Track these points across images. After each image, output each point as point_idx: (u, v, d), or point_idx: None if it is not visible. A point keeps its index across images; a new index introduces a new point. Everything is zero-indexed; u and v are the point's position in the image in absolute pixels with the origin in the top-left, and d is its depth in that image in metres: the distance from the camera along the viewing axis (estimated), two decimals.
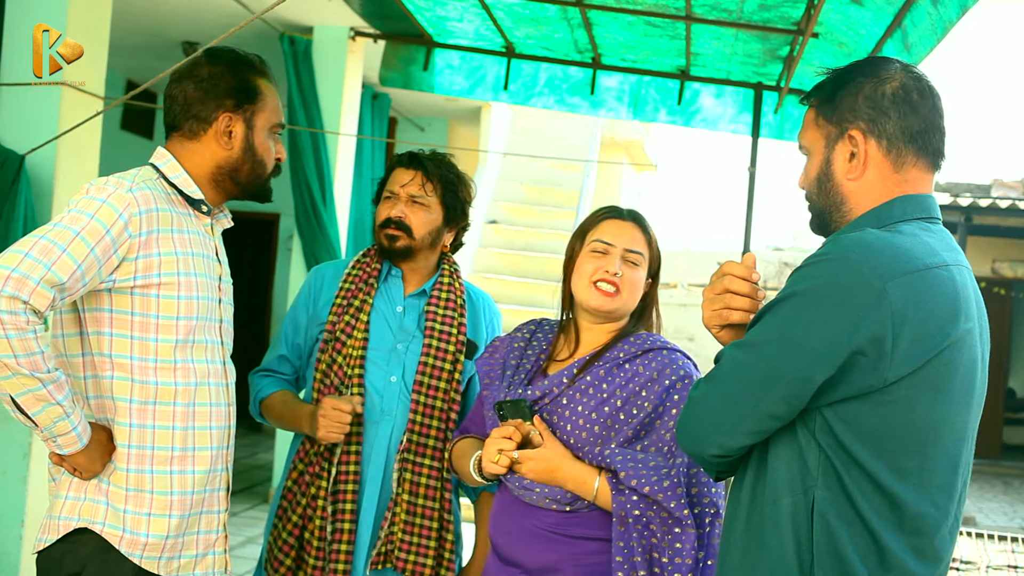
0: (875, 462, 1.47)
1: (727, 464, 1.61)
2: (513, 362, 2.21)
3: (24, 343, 1.74)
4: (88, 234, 1.83)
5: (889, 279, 1.44)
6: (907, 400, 1.46)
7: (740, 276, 1.63)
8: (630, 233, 2.16)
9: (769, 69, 4.58)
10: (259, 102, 2.07)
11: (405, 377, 2.46)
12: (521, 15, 4.34)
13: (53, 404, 1.81)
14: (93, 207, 1.86)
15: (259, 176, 2.10)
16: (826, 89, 1.64)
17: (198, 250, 2.03)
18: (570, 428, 2.05)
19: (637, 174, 12.75)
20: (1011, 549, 4.60)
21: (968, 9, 2.90)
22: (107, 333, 1.93)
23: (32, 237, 1.80)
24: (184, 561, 2.01)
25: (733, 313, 1.62)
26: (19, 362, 1.74)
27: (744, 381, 1.51)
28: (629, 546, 1.93)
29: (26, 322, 1.74)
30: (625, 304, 2.14)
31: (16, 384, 1.77)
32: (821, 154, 1.64)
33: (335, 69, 6.30)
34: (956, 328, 1.48)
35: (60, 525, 1.94)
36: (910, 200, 1.58)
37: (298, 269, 6.47)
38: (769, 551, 1.52)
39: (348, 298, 2.49)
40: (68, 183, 3.98)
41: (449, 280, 2.57)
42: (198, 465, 2.01)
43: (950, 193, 10.50)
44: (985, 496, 10.46)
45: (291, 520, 2.42)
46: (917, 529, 1.49)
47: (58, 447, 1.87)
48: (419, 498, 2.43)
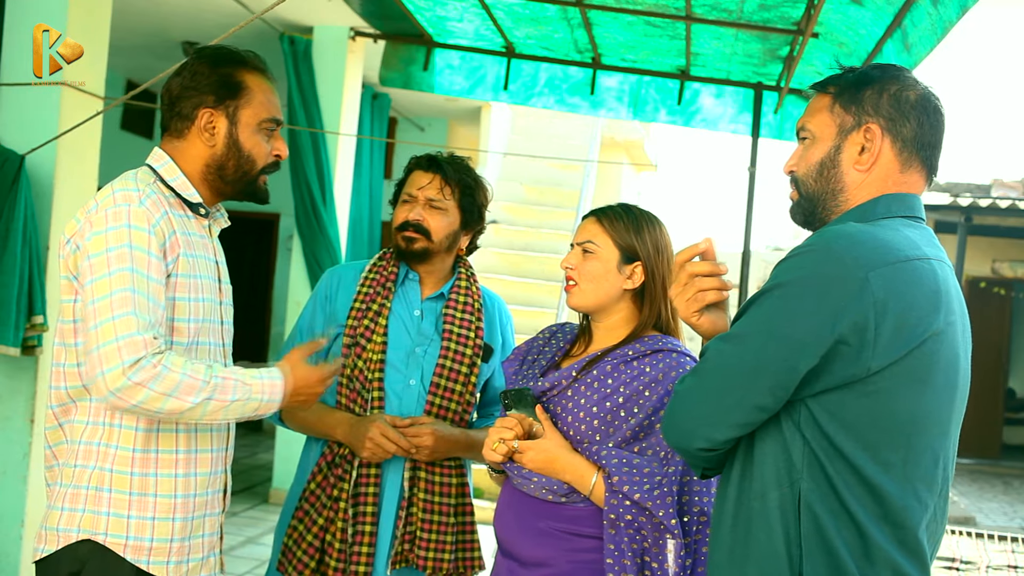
0: (859, 453, 1.48)
1: (714, 459, 1.62)
2: (530, 358, 2.25)
3: (165, 382, 1.81)
4: (138, 264, 1.86)
5: (871, 269, 1.46)
6: (890, 391, 1.48)
7: (692, 256, 1.66)
8: (586, 228, 2.19)
9: (769, 69, 4.58)
10: (243, 97, 2.03)
11: (423, 380, 2.48)
12: (521, 15, 4.34)
13: (229, 403, 1.88)
14: (125, 237, 1.87)
15: (247, 173, 2.07)
16: (846, 80, 1.66)
17: (200, 252, 2.03)
18: (571, 420, 2.07)
19: (637, 174, 12.75)
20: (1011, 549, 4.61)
21: (968, 9, 2.90)
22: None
23: (105, 299, 1.82)
24: (192, 565, 2.01)
25: (707, 293, 1.64)
26: (178, 397, 1.82)
27: (730, 373, 1.52)
28: (619, 548, 1.95)
29: (153, 366, 1.81)
30: (589, 296, 2.15)
31: (196, 413, 1.86)
32: (831, 141, 1.65)
33: (335, 69, 6.30)
34: (937, 320, 1.50)
35: (60, 537, 1.92)
36: (895, 198, 1.62)
37: (298, 269, 6.47)
38: (758, 545, 1.53)
39: (367, 302, 2.49)
40: (68, 183, 3.99)
41: (466, 284, 2.58)
42: (200, 468, 2.01)
43: (950, 193, 10.50)
44: (985, 496, 10.46)
45: (316, 523, 2.42)
46: (901, 521, 1.51)
47: (267, 413, 1.97)
48: (435, 496, 2.45)
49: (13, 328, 3.69)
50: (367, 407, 2.44)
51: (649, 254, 2.16)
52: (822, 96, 1.68)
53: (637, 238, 2.16)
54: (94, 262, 1.86)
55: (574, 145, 9.98)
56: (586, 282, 2.15)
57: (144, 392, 1.79)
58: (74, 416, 1.95)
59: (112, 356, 1.79)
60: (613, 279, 2.14)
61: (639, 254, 2.15)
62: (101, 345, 1.80)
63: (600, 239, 2.16)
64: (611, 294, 2.15)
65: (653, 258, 2.17)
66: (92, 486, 1.92)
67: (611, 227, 2.16)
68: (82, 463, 1.93)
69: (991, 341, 12.53)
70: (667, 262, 2.18)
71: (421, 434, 2.38)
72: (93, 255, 1.86)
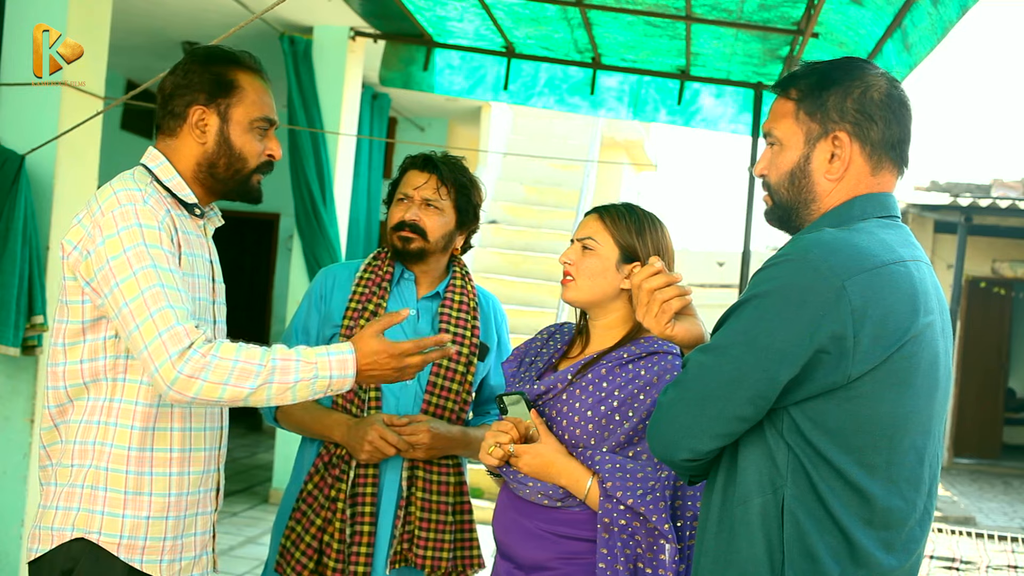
0: (843, 458, 1.49)
1: (699, 468, 1.63)
2: (528, 359, 2.25)
3: (218, 371, 1.81)
4: (158, 260, 1.87)
5: (847, 277, 1.46)
6: (872, 395, 1.48)
7: (650, 276, 1.71)
8: (587, 224, 2.19)
9: (769, 69, 4.58)
10: (235, 95, 2.03)
11: (420, 379, 2.48)
12: (521, 15, 4.35)
13: (292, 384, 1.87)
14: (138, 236, 1.87)
15: (238, 171, 2.06)
16: (808, 83, 1.64)
17: (196, 251, 2.03)
18: (566, 424, 2.07)
19: (637, 174, 12.75)
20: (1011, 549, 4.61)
21: (968, 9, 2.90)
22: (118, 336, 1.92)
23: (138, 299, 1.83)
24: (185, 563, 2.01)
25: (670, 303, 1.68)
26: (234, 384, 1.82)
27: (710, 384, 1.53)
28: (612, 554, 1.95)
29: (203, 355, 1.81)
30: (584, 291, 2.14)
31: (259, 397, 1.85)
32: (799, 150, 1.64)
33: (335, 69, 6.31)
34: (916, 323, 1.51)
35: (54, 536, 1.92)
36: (870, 199, 1.61)
37: (298, 269, 6.47)
38: (740, 552, 1.54)
39: (362, 302, 2.49)
40: (68, 183, 3.99)
41: (462, 283, 2.59)
42: (193, 466, 2.01)
43: (950, 193, 10.49)
44: (985, 496, 10.46)
45: (314, 524, 2.42)
46: (886, 523, 1.52)
47: (341, 389, 1.93)
48: (433, 495, 2.45)
49: (13, 328, 3.69)
50: (364, 407, 2.44)
51: (649, 255, 2.15)
52: (785, 101, 1.66)
53: (638, 239, 2.15)
54: (114, 265, 1.86)
55: (574, 145, 9.98)
56: (583, 278, 2.14)
57: (198, 384, 1.80)
58: (71, 416, 1.95)
59: (160, 352, 1.80)
60: (611, 277, 2.14)
61: (639, 255, 2.14)
62: (148, 344, 1.81)
63: (601, 236, 2.15)
64: (607, 292, 2.14)
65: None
66: (88, 484, 1.92)
67: (613, 226, 2.15)
68: (78, 462, 1.93)
69: (991, 341, 12.54)
70: (668, 264, 2.18)
71: (418, 432, 2.38)
72: (112, 258, 1.86)
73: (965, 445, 12.46)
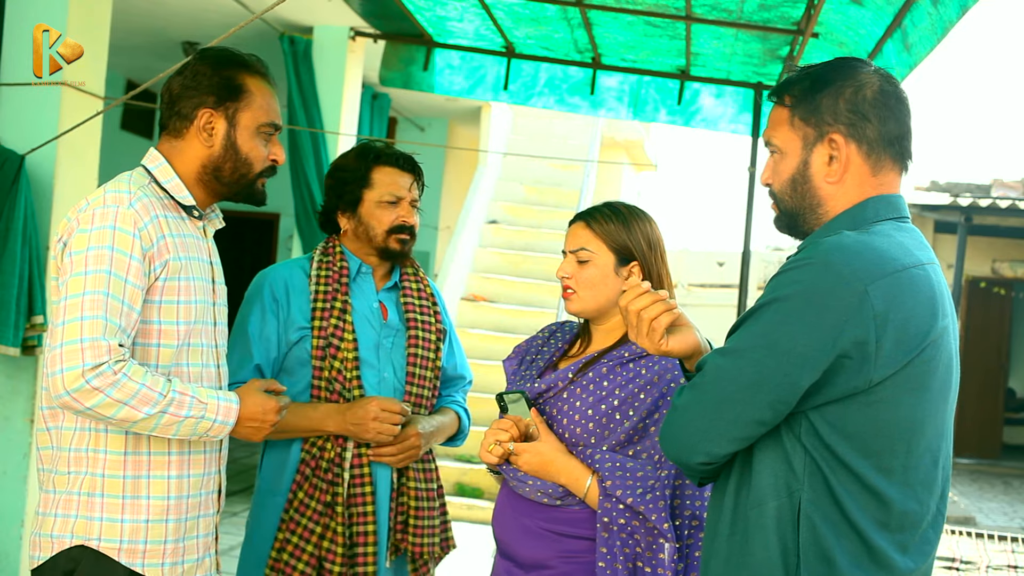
0: (862, 462, 1.48)
1: (712, 471, 1.62)
2: (529, 358, 2.25)
3: (123, 390, 1.80)
4: (117, 268, 1.85)
5: (870, 282, 1.46)
6: (891, 400, 1.48)
7: (635, 298, 1.66)
8: (576, 234, 2.16)
9: (769, 69, 4.58)
10: (243, 100, 2.03)
11: (396, 372, 2.50)
12: (521, 15, 4.35)
13: (182, 419, 1.88)
14: (108, 238, 1.86)
15: (244, 176, 2.06)
16: (801, 88, 1.64)
17: (194, 254, 2.03)
18: (567, 423, 2.07)
19: (637, 174, 12.75)
20: (1011, 549, 4.61)
21: (968, 9, 2.90)
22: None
23: (77, 298, 1.82)
24: (187, 566, 2.00)
25: (660, 318, 1.64)
26: (133, 406, 1.82)
27: (729, 388, 1.51)
28: (612, 553, 1.95)
29: (114, 372, 1.80)
30: (588, 302, 2.14)
31: (147, 424, 1.85)
32: (798, 156, 1.63)
33: (335, 69, 6.30)
34: (935, 327, 1.50)
35: (54, 543, 1.92)
36: (882, 200, 1.60)
37: None
38: (754, 555, 1.53)
39: (328, 300, 2.46)
40: (68, 183, 3.98)
41: (413, 270, 2.64)
42: (193, 469, 2.00)
43: (950, 193, 10.49)
44: (985, 496, 10.46)
45: (314, 532, 2.37)
46: (902, 525, 1.51)
47: (218, 435, 1.96)
48: (422, 483, 2.50)
49: (13, 328, 3.69)
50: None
51: (644, 251, 2.14)
52: (780, 108, 1.66)
53: (629, 237, 2.13)
54: (74, 259, 1.86)
55: (574, 145, 9.98)
56: (584, 289, 2.13)
57: (99, 397, 1.79)
58: (62, 422, 1.94)
59: (74, 356, 1.78)
60: (611, 283, 2.12)
61: (634, 253, 2.13)
62: (65, 343, 1.80)
63: (593, 244, 2.13)
64: (610, 298, 2.13)
65: (648, 255, 2.15)
66: (84, 492, 1.91)
67: (602, 230, 2.13)
68: (74, 470, 1.92)
69: (991, 341, 12.54)
70: (660, 256, 2.17)
71: (408, 436, 2.42)
72: (74, 252, 1.87)
73: (965, 445, 12.44)
